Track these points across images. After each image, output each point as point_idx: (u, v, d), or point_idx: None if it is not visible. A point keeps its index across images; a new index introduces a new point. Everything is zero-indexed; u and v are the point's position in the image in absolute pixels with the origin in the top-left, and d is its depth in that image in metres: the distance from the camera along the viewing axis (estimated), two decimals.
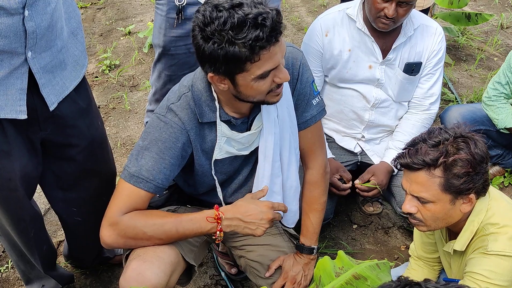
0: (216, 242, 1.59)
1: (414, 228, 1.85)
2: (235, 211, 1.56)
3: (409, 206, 1.56)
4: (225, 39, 1.29)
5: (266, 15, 1.29)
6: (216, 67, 1.37)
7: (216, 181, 1.69)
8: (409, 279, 1.07)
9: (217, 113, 1.55)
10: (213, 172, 1.67)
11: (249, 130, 1.63)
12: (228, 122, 1.59)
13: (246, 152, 1.69)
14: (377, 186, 2.25)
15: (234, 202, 1.61)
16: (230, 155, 1.67)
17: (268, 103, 1.51)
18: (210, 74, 1.41)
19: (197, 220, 1.54)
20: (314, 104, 1.72)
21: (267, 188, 1.66)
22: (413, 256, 1.97)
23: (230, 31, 1.28)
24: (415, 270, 1.95)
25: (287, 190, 1.78)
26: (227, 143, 1.62)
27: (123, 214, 1.52)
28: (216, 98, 1.54)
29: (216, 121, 1.57)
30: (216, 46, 1.31)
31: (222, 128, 1.58)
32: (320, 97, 1.75)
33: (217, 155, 1.63)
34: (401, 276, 1.11)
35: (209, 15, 1.30)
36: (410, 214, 1.58)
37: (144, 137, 1.56)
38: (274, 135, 1.64)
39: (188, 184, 1.78)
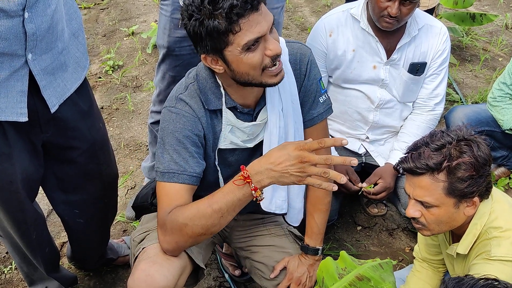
0: (259, 202, 1.44)
1: None
2: (263, 163, 1.39)
3: (412, 211, 1.54)
4: (204, 13, 1.33)
5: None
6: (202, 45, 1.39)
7: (219, 172, 1.67)
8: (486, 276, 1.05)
9: (223, 99, 1.55)
10: (216, 162, 1.65)
11: (254, 121, 1.62)
12: (233, 109, 1.58)
13: (251, 145, 1.68)
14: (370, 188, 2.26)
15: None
16: (235, 147, 1.66)
17: (267, 85, 1.48)
18: (202, 56, 1.44)
19: (228, 190, 1.43)
20: (321, 101, 1.71)
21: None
22: (418, 258, 1.96)
23: (207, 5, 1.32)
24: (419, 272, 1.94)
25: (290, 186, 1.77)
26: (231, 133, 1.62)
27: (168, 214, 1.49)
28: (221, 84, 1.54)
29: (221, 109, 1.57)
30: (197, 23, 1.34)
31: (227, 115, 1.58)
32: (327, 95, 1.74)
33: (221, 144, 1.63)
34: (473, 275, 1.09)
35: None
36: (413, 218, 1.56)
37: (160, 133, 1.57)
38: (278, 129, 1.63)
39: None
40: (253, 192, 1.40)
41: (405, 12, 2.03)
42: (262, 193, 1.43)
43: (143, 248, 1.59)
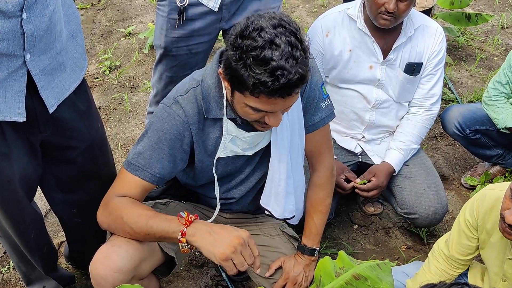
0: (182, 251, 1.49)
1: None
2: (209, 225, 1.47)
3: None
4: (242, 61, 1.29)
5: (286, 74, 1.26)
6: (225, 70, 1.38)
7: (215, 178, 1.68)
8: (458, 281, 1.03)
9: (224, 110, 1.55)
10: (214, 170, 1.67)
11: (255, 130, 1.63)
12: (234, 120, 1.59)
13: (250, 153, 1.69)
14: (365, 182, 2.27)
15: None
16: (234, 154, 1.67)
17: (253, 128, 1.53)
18: (219, 70, 1.43)
19: (169, 219, 1.47)
20: (323, 107, 1.72)
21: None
22: (437, 256, 1.87)
23: (250, 59, 1.28)
24: (431, 274, 1.86)
25: (295, 189, 1.79)
26: (232, 142, 1.62)
27: (117, 197, 1.53)
28: (225, 95, 1.53)
29: (222, 118, 1.57)
30: (233, 59, 1.31)
31: (228, 126, 1.58)
32: (329, 100, 1.75)
33: (221, 153, 1.64)
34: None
35: (251, 29, 1.29)
36: (510, 226, 1.46)
37: (148, 125, 1.58)
38: (286, 139, 1.65)
39: (187, 175, 1.78)
40: (180, 235, 1.43)
41: (402, 9, 2.04)
42: (189, 248, 1.46)
43: (111, 235, 1.60)
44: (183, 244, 1.45)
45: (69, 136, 1.71)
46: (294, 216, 1.82)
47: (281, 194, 1.72)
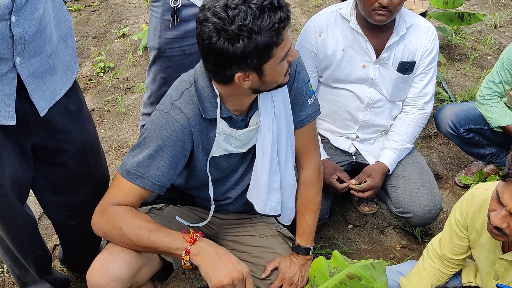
0: (183, 267, 1.49)
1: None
2: (215, 246, 1.47)
3: (501, 222, 1.44)
4: (253, 30, 1.30)
5: None
6: (247, 63, 1.36)
7: (209, 178, 1.68)
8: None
9: (218, 110, 1.55)
10: (207, 169, 1.66)
11: (247, 127, 1.64)
12: (228, 119, 1.58)
13: (243, 150, 1.69)
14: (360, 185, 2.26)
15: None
16: (227, 153, 1.67)
17: (283, 85, 1.54)
18: (238, 75, 1.39)
19: (172, 235, 1.47)
20: (310, 103, 1.73)
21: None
22: (431, 255, 1.87)
23: (255, 21, 1.29)
24: (426, 272, 1.86)
25: (284, 187, 1.78)
26: (225, 141, 1.62)
27: (114, 205, 1.51)
28: (218, 94, 1.53)
29: (216, 118, 1.57)
30: (247, 41, 1.31)
31: (221, 125, 1.58)
32: (315, 96, 1.76)
33: (215, 152, 1.63)
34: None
35: (225, 16, 1.30)
36: (496, 227, 1.47)
37: (145, 133, 1.55)
38: (271, 133, 1.64)
39: (180, 176, 1.77)
40: (183, 252, 1.44)
41: (396, 2, 2.03)
42: (191, 266, 1.46)
43: (108, 242, 1.58)
44: (186, 262, 1.45)
45: (60, 139, 1.70)
46: (279, 214, 1.82)
47: (262, 189, 1.72)
